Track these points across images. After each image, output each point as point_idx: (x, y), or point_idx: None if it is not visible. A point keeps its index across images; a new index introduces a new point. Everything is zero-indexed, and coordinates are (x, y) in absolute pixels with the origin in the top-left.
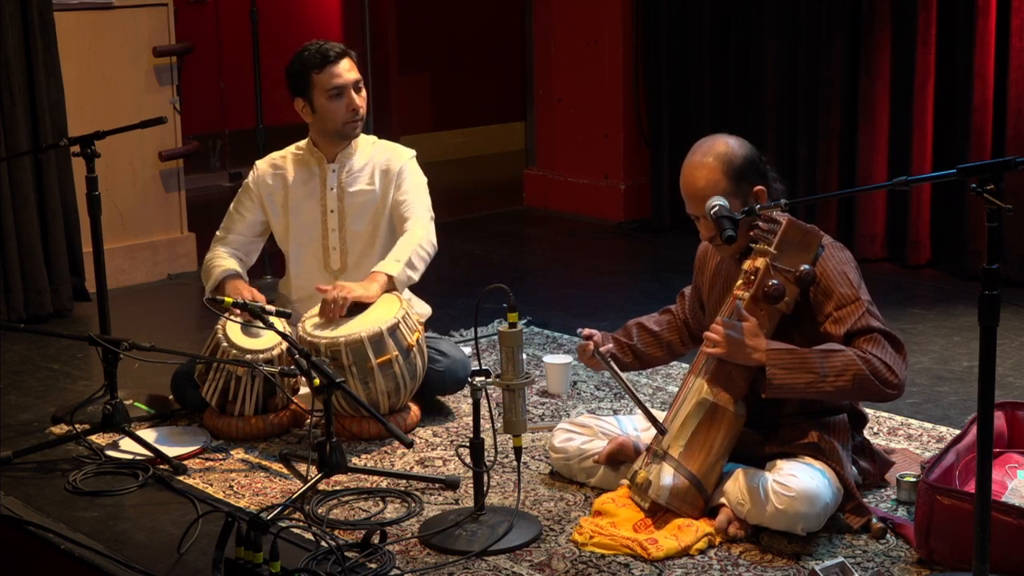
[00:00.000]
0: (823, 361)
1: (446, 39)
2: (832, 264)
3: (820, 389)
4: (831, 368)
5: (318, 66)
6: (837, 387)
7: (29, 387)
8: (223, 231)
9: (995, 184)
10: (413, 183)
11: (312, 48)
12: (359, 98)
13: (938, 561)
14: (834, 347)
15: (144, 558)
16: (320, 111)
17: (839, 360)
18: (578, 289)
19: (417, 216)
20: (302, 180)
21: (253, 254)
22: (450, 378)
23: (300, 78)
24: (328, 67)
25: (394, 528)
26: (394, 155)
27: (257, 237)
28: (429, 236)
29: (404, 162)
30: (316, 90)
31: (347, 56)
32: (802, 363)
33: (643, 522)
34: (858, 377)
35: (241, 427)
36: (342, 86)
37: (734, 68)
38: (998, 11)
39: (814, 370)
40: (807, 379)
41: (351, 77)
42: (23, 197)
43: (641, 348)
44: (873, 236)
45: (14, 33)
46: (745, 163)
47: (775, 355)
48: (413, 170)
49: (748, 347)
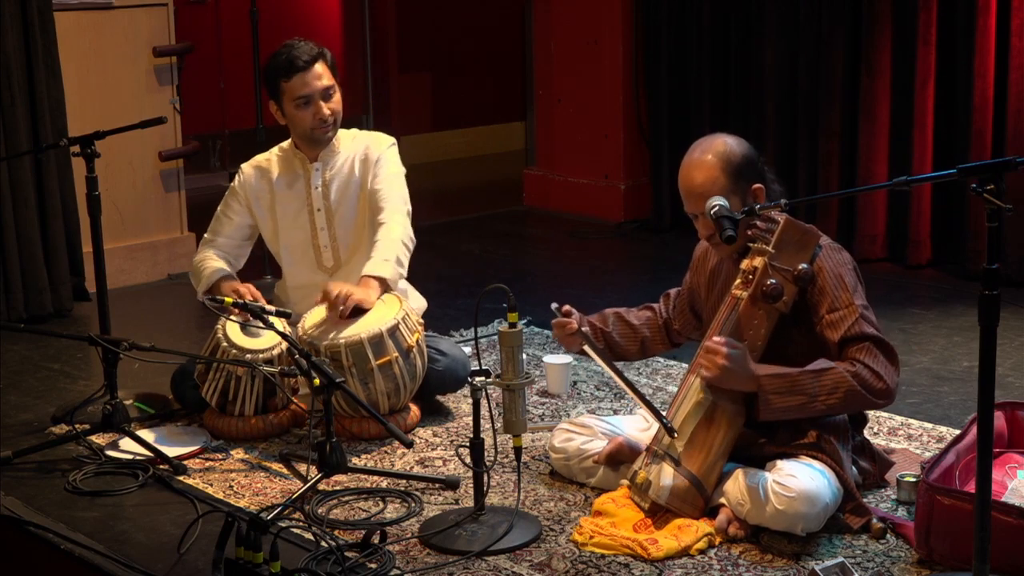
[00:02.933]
0: (814, 382)
1: (446, 39)
2: (829, 265)
3: (813, 408)
4: (822, 388)
5: (285, 74)
6: (828, 405)
7: (29, 387)
8: (211, 234)
9: (995, 184)
10: (389, 173)
11: (282, 55)
12: (327, 105)
13: (938, 561)
14: (824, 365)
15: (144, 558)
16: (289, 117)
17: (829, 379)
18: (578, 289)
19: (393, 209)
20: (287, 182)
21: (241, 258)
22: (450, 377)
23: (270, 84)
24: (295, 76)
25: (394, 528)
26: (372, 143)
27: (245, 241)
28: (407, 232)
29: (383, 150)
30: (285, 97)
31: (318, 61)
32: (793, 386)
33: (643, 522)
34: (850, 393)
35: (241, 427)
36: (309, 95)
37: (734, 68)
38: (998, 11)
39: (806, 392)
40: (800, 401)
41: (319, 85)
42: (23, 197)
43: (616, 338)
44: (873, 236)
45: (14, 33)
46: (744, 162)
47: (767, 381)
48: (391, 159)
49: (742, 374)
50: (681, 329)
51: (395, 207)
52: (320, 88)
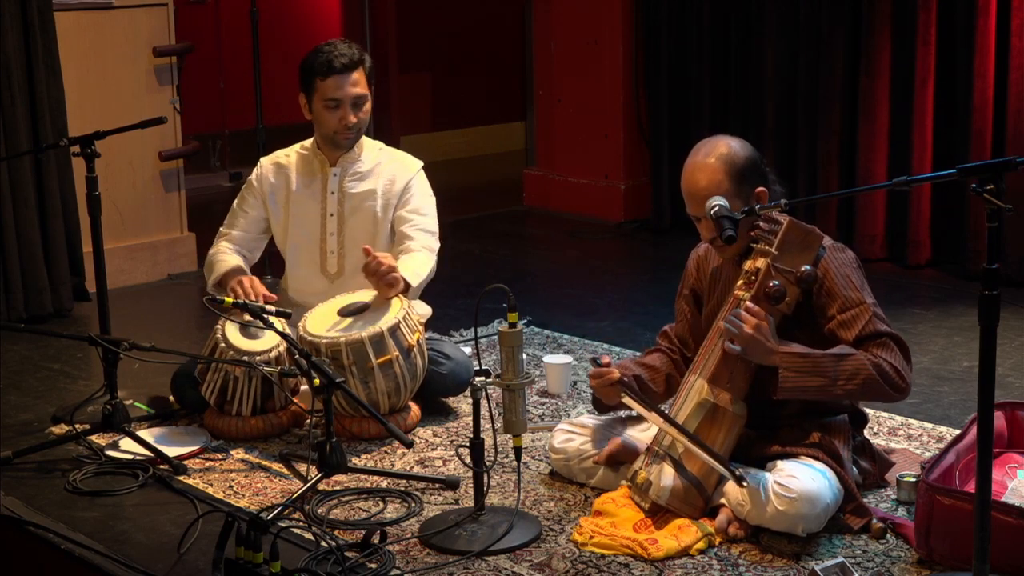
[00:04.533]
0: (835, 365)
1: (446, 39)
2: (835, 266)
3: (831, 392)
4: (843, 371)
5: (323, 73)
6: (847, 390)
7: (29, 387)
8: (227, 227)
9: (995, 184)
10: (422, 201)
11: (325, 51)
12: (355, 114)
13: (938, 561)
14: (846, 350)
15: (144, 558)
16: (315, 114)
17: (851, 364)
18: (578, 289)
19: (425, 241)
20: (305, 182)
21: (257, 251)
22: (454, 381)
23: (306, 77)
24: (331, 77)
25: (394, 528)
26: (401, 168)
27: (261, 234)
28: (432, 264)
29: (412, 176)
30: (316, 94)
31: (357, 68)
32: (815, 367)
33: (643, 522)
34: (868, 381)
35: (240, 427)
36: (340, 99)
37: (734, 68)
38: (998, 11)
39: (826, 374)
40: (819, 382)
41: (352, 92)
42: (23, 197)
43: (646, 382)
44: (873, 236)
45: (14, 33)
46: (747, 164)
47: (788, 358)
48: (422, 186)
49: (768, 347)
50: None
51: (427, 243)
52: (352, 95)
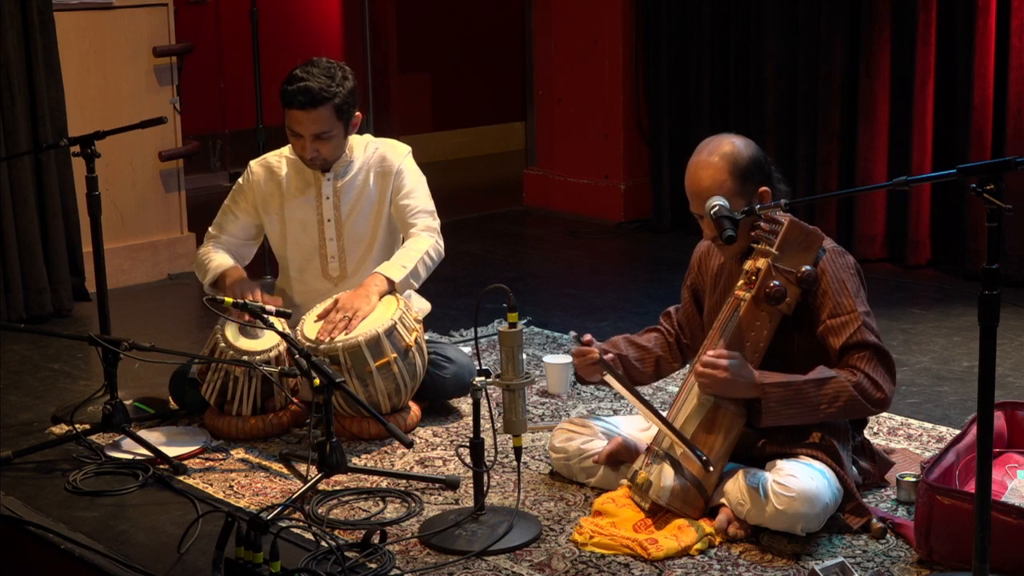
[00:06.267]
0: (817, 390)
1: (446, 39)
2: (832, 269)
3: (814, 417)
4: (824, 396)
5: (286, 103)
6: (829, 413)
7: (29, 387)
8: (216, 229)
9: (995, 184)
10: (414, 184)
11: (297, 78)
12: (313, 147)
13: (938, 561)
14: (826, 374)
15: (144, 558)
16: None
17: (831, 388)
18: (578, 289)
19: (424, 222)
20: (298, 188)
21: (246, 256)
22: (456, 384)
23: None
24: (293, 111)
25: (394, 528)
26: (389, 153)
27: (250, 240)
28: (437, 246)
29: (401, 161)
30: (286, 118)
31: (321, 105)
32: (796, 395)
33: (643, 522)
34: (850, 402)
35: (240, 427)
36: (299, 133)
37: (734, 68)
38: (998, 11)
39: (808, 401)
40: (801, 410)
41: (312, 129)
42: (23, 197)
43: (632, 362)
44: (873, 236)
45: (14, 33)
46: (751, 163)
47: (771, 389)
48: (411, 169)
49: (746, 384)
50: (691, 342)
51: (426, 222)
52: (312, 131)
